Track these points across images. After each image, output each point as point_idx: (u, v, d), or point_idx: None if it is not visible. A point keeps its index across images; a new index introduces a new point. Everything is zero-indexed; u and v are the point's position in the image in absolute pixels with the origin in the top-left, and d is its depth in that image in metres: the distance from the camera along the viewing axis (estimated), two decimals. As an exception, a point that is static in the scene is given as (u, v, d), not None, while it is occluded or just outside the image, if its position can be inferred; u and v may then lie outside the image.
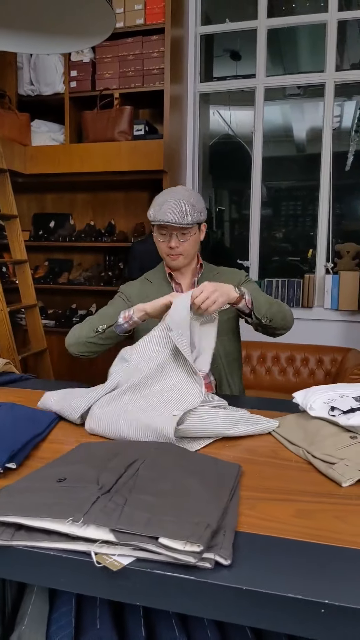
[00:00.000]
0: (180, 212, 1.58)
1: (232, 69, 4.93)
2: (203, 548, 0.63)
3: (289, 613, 0.59)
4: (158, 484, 0.79)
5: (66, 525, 0.69)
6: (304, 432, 1.06)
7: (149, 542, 0.66)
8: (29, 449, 1.00)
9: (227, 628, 0.87)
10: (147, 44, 3.49)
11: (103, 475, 0.81)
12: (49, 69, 3.62)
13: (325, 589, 0.60)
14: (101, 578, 0.66)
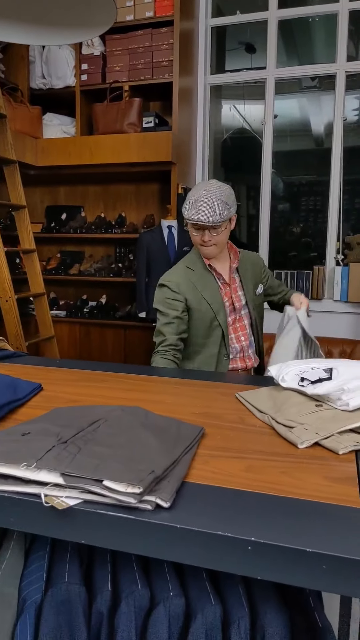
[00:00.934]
0: (212, 212, 1.69)
1: (247, 62, 4.93)
2: (143, 490, 0.67)
3: (219, 550, 0.62)
4: (114, 438, 0.83)
5: (20, 470, 0.74)
6: (273, 401, 1.08)
7: (94, 485, 0.70)
8: (5, 412, 1.05)
9: (187, 579, 0.91)
10: (157, 37, 3.53)
11: (64, 430, 0.86)
12: (61, 62, 3.69)
13: (255, 529, 0.63)
14: (49, 518, 0.70)
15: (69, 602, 0.91)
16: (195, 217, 1.71)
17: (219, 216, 1.70)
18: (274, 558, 0.60)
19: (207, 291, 1.88)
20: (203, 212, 1.69)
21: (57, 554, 0.99)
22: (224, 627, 0.87)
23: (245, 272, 1.97)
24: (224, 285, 1.92)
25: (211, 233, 1.77)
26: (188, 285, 1.86)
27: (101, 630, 0.92)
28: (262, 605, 0.87)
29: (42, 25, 2.28)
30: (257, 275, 2.01)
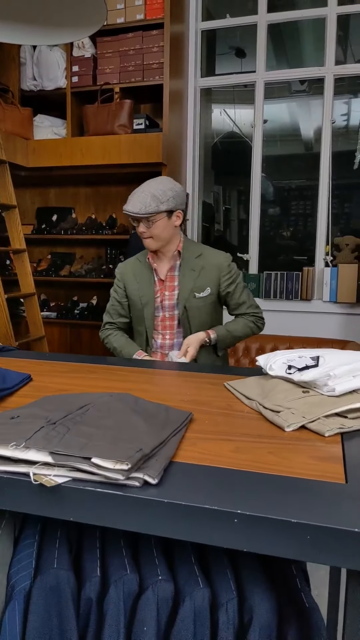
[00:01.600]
0: (140, 204, 1.76)
1: (237, 66, 4.97)
2: (131, 467, 0.68)
3: (206, 524, 0.63)
4: (103, 420, 0.84)
5: (9, 450, 0.74)
6: (261, 389, 1.09)
7: (82, 462, 0.70)
8: None
9: (176, 563, 0.91)
10: (147, 39, 3.55)
11: (53, 413, 0.86)
12: (52, 64, 3.70)
13: (241, 503, 0.64)
14: (38, 497, 0.70)
15: (57, 588, 0.91)
16: (126, 208, 1.80)
17: (145, 208, 1.76)
18: (259, 530, 0.61)
19: (142, 284, 1.98)
20: (132, 204, 1.78)
21: (46, 541, 0.99)
22: (212, 610, 0.87)
23: (189, 273, 1.95)
24: (159, 282, 1.97)
25: (145, 225, 1.83)
26: (130, 275, 2.01)
27: (90, 616, 0.92)
28: (249, 587, 0.88)
29: (32, 25, 2.29)
30: (211, 279, 1.95)
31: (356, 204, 4.63)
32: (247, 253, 4.18)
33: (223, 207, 6.32)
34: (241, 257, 4.22)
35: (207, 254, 1.99)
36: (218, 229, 5.36)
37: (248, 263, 4.17)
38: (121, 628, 0.88)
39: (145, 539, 0.95)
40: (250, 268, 4.16)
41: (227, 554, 0.93)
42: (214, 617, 0.87)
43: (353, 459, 0.78)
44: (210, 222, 4.87)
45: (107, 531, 0.98)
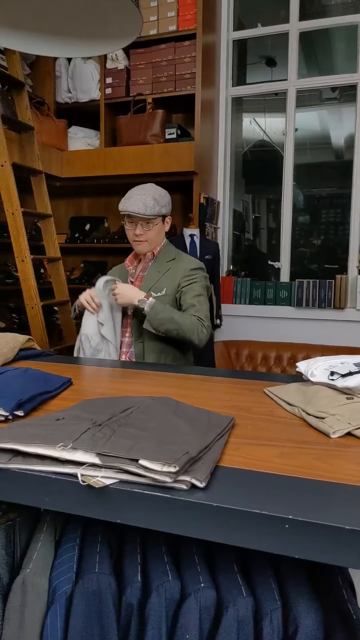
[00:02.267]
0: (143, 205, 1.79)
1: (268, 75, 4.98)
2: (178, 469, 0.67)
3: (255, 529, 0.62)
4: (147, 423, 0.84)
5: (57, 450, 0.75)
6: (303, 395, 1.08)
7: (130, 464, 0.70)
8: (37, 402, 1.07)
9: (218, 571, 0.90)
10: (180, 50, 3.59)
11: (98, 416, 0.87)
12: (86, 76, 3.78)
13: (291, 508, 0.63)
14: (85, 498, 0.71)
15: (99, 593, 0.91)
16: (127, 207, 1.82)
17: (149, 209, 1.79)
18: (311, 536, 0.60)
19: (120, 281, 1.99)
20: (135, 204, 1.80)
21: (86, 546, 0.99)
22: (255, 620, 0.86)
23: (154, 274, 1.95)
24: (132, 282, 1.99)
25: (143, 227, 1.85)
26: (115, 276, 2.01)
27: (131, 622, 0.91)
28: (294, 597, 0.86)
29: (68, 38, 2.34)
30: (172, 281, 1.92)
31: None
32: (278, 261, 4.15)
33: (253, 215, 6.30)
34: (272, 265, 4.19)
35: (180, 259, 1.99)
36: (248, 237, 5.35)
37: (279, 271, 4.14)
38: (163, 635, 0.87)
39: (187, 546, 0.94)
40: (281, 276, 4.13)
41: (270, 562, 0.91)
42: (258, 626, 0.85)
43: None
44: (241, 230, 4.86)
45: (147, 537, 0.97)
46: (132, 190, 1.90)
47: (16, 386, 1.08)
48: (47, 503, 0.74)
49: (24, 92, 3.25)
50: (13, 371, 1.21)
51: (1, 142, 2.88)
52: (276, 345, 3.88)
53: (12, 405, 0.98)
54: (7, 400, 0.99)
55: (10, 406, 0.98)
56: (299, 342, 3.80)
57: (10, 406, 0.98)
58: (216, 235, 4.06)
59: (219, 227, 4.13)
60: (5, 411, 0.98)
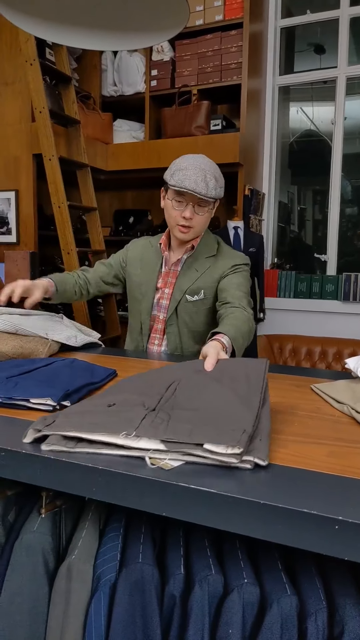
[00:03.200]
0: (204, 183, 1.48)
1: (316, 63, 4.85)
2: (242, 449, 0.71)
3: (304, 528, 0.61)
4: (194, 401, 0.87)
5: (120, 438, 0.78)
6: (352, 392, 1.05)
7: (195, 449, 0.74)
8: (84, 393, 1.09)
9: (261, 568, 0.89)
10: (226, 39, 3.54)
11: (146, 399, 0.88)
12: (131, 69, 3.79)
13: (342, 508, 0.61)
14: (130, 491, 0.71)
15: (142, 583, 0.91)
16: (186, 184, 1.47)
17: (211, 190, 1.49)
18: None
19: (146, 270, 1.70)
20: (195, 181, 1.47)
21: (130, 536, 1.00)
22: (300, 619, 0.84)
23: (190, 272, 1.66)
24: (163, 274, 1.69)
25: (196, 211, 1.54)
26: (135, 257, 1.76)
27: (174, 613, 0.92)
28: (340, 599, 0.84)
29: (114, 31, 2.35)
30: (208, 281, 1.65)
31: None
32: (325, 254, 4.06)
33: (298, 207, 6.18)
34: (318, 258, 4.10)
35: (221, 255, 1.69)
36: (293, 229, 5.25)
37: (326, 264, 4.05)
38: (206, 628, 0.87)
39: (230, 541, 0.94)
40: (328, 269, 4.03)
41: (315, 561, 0.89)
42: (302, 626, 0.84)
43: None
44: (286, 222, 4.78)
45: (190, 530, 0.97)
46: (183, 160, 1.55)
47: (64, 377, 1.10)
48: (94, 493, 0.74)
49: (70, 86, 3.29)
50: (60, 362, 1.24)
51: (49, 136, 2.93)
52: (322, 340, 3.80)
53: (60, 396, 1.00)
54: (56, 391, 1.01)
55: (58, 397, 1.00)
56: (346, 338, 3.71)
57: (58, 397, 1.00)
58: (261, 228, 4.01)
59: (263, 219, 4.07)
60: (54, 401, 1.00)
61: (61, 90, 3.32)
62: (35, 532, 0.96)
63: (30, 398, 1.02)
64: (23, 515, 1.05)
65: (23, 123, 3.36)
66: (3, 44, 3.40)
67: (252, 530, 0.64)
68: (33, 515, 1.01)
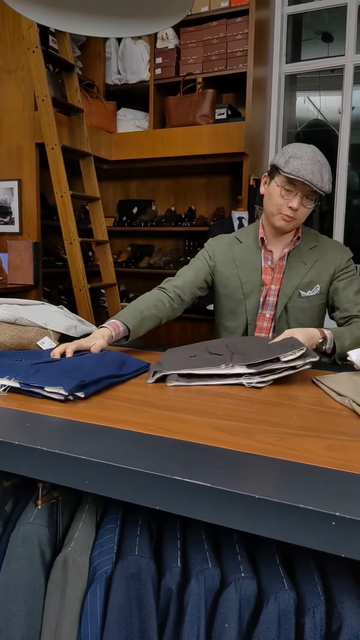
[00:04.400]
0: (320, 176, 1.44)
1: (324, 52, 4.78)
2: (304, 350, 1.09)
3: (299, 524, 0.59)
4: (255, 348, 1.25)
5: (221, 369, 1.13)
6: (354, 385, 1.03)
7: (276, 362, 1.10)
8: (104, 385, 1.07)
9: (259, 562, 0.88)
10: (232, 27, 3.49)
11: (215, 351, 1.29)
12: (136, 57, 3.74)
13: (339, 504, 0.59)
14: (122, 483, 0.70)
15: (138, 575, 0.91)
16: (303, 174, 1.41)
17: (326, 184, 1.45)
18: (357, 534, 0.57)
19: (245, 268, 1.62)
20: (312, 172, 1.42)
21: (127, 528, 0.99)
22: (297, 614, 0.83)
23: (299, 266, 1.61)
24: (268, 270, 1.62)
25: (303, 203, 1.49)
26: (226, 255, 1.65)
27: (170, 606, 0.91)
28: (338, 594, 0.83)
29: (117, 18, 2.31)
30: (322, 274, 1.61)
31: None
32: (330, 245, 4.02)
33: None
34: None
35: (324, 245, 1.65)
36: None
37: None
38: (202, 622, 0.86)
39: (227, 535, 0.93)
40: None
41: (314, 557, 0.88)
42: (300, 621, 0.83)
43: None
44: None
45: (187, 523, 0.96)
46: (298, 148, 1.48)
47: (87, 367, 1.10)
48: (87, 485, 0.73)
49: (73, 74, 3.25)
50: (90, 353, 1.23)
51: (51, 124, 2.91)
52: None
53: (73, 386, 0.99)
54: (70, 381, 1.01)
55: (70, 387, 0.99)
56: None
57: (70, 386, 0.99)
58: (263, 218, 3.97)
59: (266, 209, 4.03)
60: (65, 391, 0.99)
61: (64, 79, 3.29)
62: (32, 524, 0.96)
63: (45, 386, 1.02)
64: (20, 506, 1.04)
65: (26, 111, 3.33)
66: (5, 31, 3.36)
67: (247, 525, 0.63)
68: (30, 507, 1.00)
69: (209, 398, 1.03)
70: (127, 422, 0.89)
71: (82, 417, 0.91)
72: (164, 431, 0.85)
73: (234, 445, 0.78)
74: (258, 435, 0.83)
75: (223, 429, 0.86)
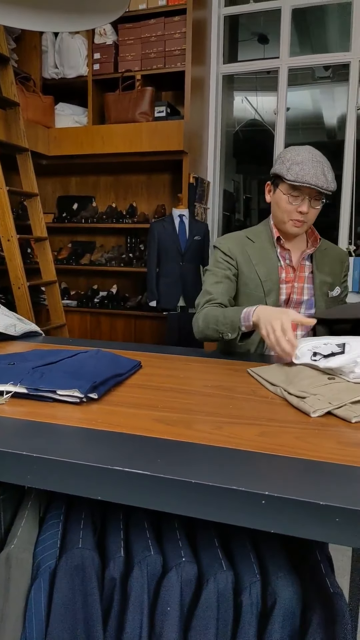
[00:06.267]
0: (324, 176, 1.45)
1: (260, 53, 4.91)
2: None
3: (233, 505, 0.63)
4: None
5: None
6: (285, 375, 1.09)
7: None
8: (110, 385, 1.06)
9: (199, 546, 0.92)
10: (169, 25, 3.52)
11: None
12: (73, 52, 3.70)
13: (269, 484, 0.64)
14: (65, 476, 0.71)
15: (82, 568, 0.92)
16: (306, 179, 1.42)
17: (331, 184, 1.46)
18: (287, 512, 0.61)
19: (263, 266, 1.59)
20: (315, 175, 1.43)
21: (70, 522, 1.01)
22: (235, 593, 0.88)
23: (322, 266, 1.64)
24: (287, 268, 1.61)
25: (312, 205, 1.50)
26: (242, 253, 1.61)
27: (114, 596, 0.93)
28: (273, 572, 0.88)
29: (54, 11, 2.28)
30: (337, 275, 1.66)
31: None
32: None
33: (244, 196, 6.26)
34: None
35: (331, 247, 1.71)
36: (238, 218, 5.33)
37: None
38: (144, 608, 0.89)
39: (168, 522, 0.96)
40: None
41: (250, 538, 0.93)
42: (237, 600, 0.87)
43: (381, 445, 0.78)
44: (231, 210, 4.84)
45: (131, 513, 0.99)
46: (296, 153, 1.49)
47: (90, 368, 1.07)
48: (29, 481, 0.74)
49: (8, 67, 3.17)
50: (84, 353, 1.21)
51: (-14, 118, 2.83)
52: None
53: (87, 387, 0.98)
54: (83, 383, 0.99)
55: (86, 388, 0.97)
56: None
57: (85, 388, 0.97)
58: (206, 216, 4.04)
59: (208, 207, 4.11)
60: (81, 393, 0.97)
61: (-1, 71, 3.20)
62: (-28, 524, 0.95)
63: (57, 389, 0.99)
64: None
65: None
66: None
67: (185, 509, 0.66)
68: (-30, 507, 0.99)
69: (150, 391, 1.06)
70: (69, 418, 0.91)
71: (23, 414, 0.92)
72: (106, 425, 0.87)
73: (173, 436, 0.81)
74: (196, 425, 0.86)
75: (163, 420, 0.89)
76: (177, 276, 3.47)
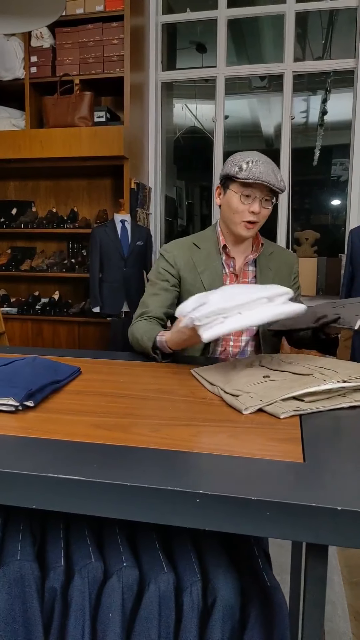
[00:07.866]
0: (274, 174, 1.47)
1: (198, 61, 4.98)
2: None
3: (168, 505, 0.64)
4: None
5: None
6: (225, 375, 1.11)
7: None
8: (47, 392, 1.04)
9: (140, 550, 0.92)
10: (107, 31, 3.52)
11: None
12: (9, 54, 3.63)
13: (203, 483, 0.65)
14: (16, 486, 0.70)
15: (21, 580, 0.90)
16: (259, 176, 1.44)
17: (281, 182, 1.48)
18: (221, 509, 0.63)
19: (207, 274, 1.60)
20: (267, 173, 1.45)
21: (8, 535, 0.98)
22: (177, 594, 0.89)
23: (266, 271, 1.63)
24: (231, 275, 1.62)
25: (263, 205, 1.51)
26: (187, 261, 1.61)
27: (55, 606, 0.92)
28: (213, 570, 0.90)
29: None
30: (284, 279, 1.64)
31: (315, 200, 4.73)
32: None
33: (186, 202, 6.33)
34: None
35: (278, 250, 1.71)
36: (181, 223, 5.38)
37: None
38: (86, 615, 0.88)
39: (109, 528, 0.96)
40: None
41: (191, 538, 0.94)
42: (179, 600, 0.88)
43: (310, 440, 0.81)
44: (173, 216, 4.88)
45: (71, 522, 0.98)
46: (245, 155, 1.51)
47: (25, 375, 1.05)
48: None
49: None
50: (20, 361, 1.17)
51: None
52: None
53: (23, 395, 0.95)
54: (18, 390, 0.96)
55: (21, 396, 0.95)
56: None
57: (20, 396, 0.95)
58: (148, 221, 4.06)
59: (150, 212, 4.12)
60: (16, 401, 0.95)
61: None
62: None
63: None
64: None
65: None
66: None
67: (122, 512, 0.66)
68: None
69: (88, 397, 1.06)
70: (3, 427, 0.89)
71: None
72: (43, 432, 0.86)
73: (110, 440, 0.81)
74: (134, 428, 0.87)
75: (101, 425, 0.89)
76: (121, 281, 3.46)
